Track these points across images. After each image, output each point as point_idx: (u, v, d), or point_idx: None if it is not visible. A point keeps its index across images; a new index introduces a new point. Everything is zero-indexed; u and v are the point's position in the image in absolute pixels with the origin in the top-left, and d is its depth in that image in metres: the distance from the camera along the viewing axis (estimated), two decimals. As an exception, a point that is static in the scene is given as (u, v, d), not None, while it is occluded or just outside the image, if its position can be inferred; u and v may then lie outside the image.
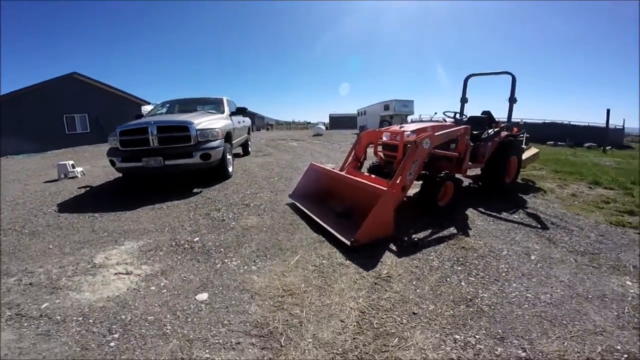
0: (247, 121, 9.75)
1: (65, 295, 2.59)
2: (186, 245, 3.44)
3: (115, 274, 2.89)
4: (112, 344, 2.03)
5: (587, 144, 20.89)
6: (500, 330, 2.11)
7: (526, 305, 2.40)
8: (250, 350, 1.94)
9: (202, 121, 5.80)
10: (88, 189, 6.47)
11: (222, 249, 3.33)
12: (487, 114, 6.00)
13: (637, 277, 2.89)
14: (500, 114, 6.68)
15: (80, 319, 2.28)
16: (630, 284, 2.77)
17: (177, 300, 2.46)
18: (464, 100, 6.47)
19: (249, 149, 10.51)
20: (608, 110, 18.72)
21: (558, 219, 4.39)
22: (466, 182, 6.50)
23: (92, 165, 9.98)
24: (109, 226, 4.12)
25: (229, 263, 3.04)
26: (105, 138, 19.48)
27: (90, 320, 2.26)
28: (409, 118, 25.20)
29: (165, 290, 2.60)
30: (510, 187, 5.76)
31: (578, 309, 2.38)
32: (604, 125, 21.05)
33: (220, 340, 2.02)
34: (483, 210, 4.59)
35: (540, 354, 1.92)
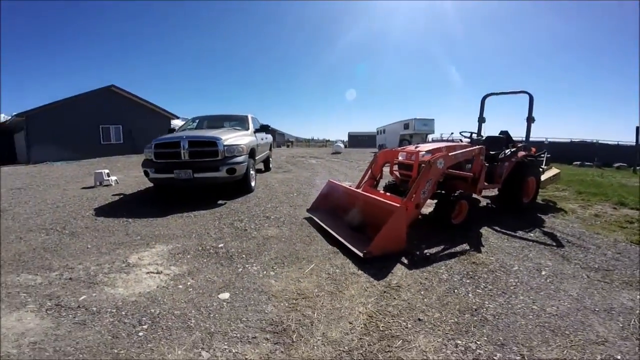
0: (269, 138, 10.15)
1: (101, 290, 2.86)
2: (211, 251, 3.71)
3: (147, 273, 3.17)
4: (140, 333, 2.25)
5: (616, 164, 19.98)
6: (501, 338, 2.21)
7: (531, 316, 2.48)
8: (264, 344, 2.13)
9: (229, 137, 6.19)
10: (122, 196, 6.94)
11: (244, 255, 3.58)
12: (504, 133, 6.07)
13: None
14: (521, 133, 6.70)
15: (114, 311, 2.53)
16: None
17: (202, 298, 2.70)
18: (481, 119, 6.57)
19: (270, 165, 10.87)
20: (637, 128, 17.97)
21: (575, 237, 4.39)
22: (484, 202, 6.54)
23: (124, 175, 10.61)
24: (142, 231, 4.47)
25: (249, 268, 3.28)
26: (136, 149, 20.39)
27: (123, 312, 2.50)
28: (430, 137, 25.13)
29: (191, 289, 2.85)
30: (529, 207, 5.75)
31: (583, 320, 2.44)
32: (634, 143, 20.22)
33: (238, 334, 2.23)
34: (498, 229, 4.63)
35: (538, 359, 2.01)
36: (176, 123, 22.70)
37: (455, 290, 2.85)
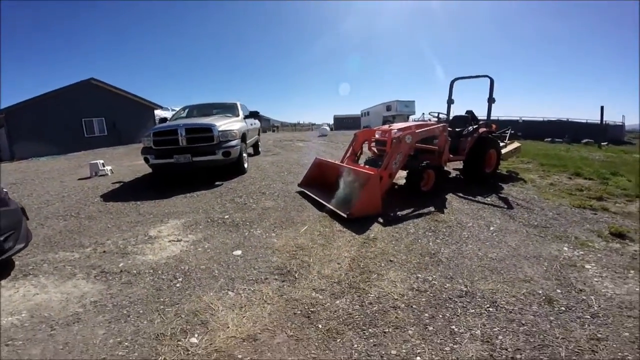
0: (258, 123, 10.63)
1: (134, 258, 3.46)
2: (219, 221, 4.37)
3: (169, 241, 3.81)
4: (177, 285, 2.89)
5: (584, 140, 21.32)
6: (451, 273, 2.94)
7: (475, 259, 3.22)
8: (274, 282, 2.83)
9: (223, 124, 6.73)
10: (121, 184, 7.38)
11: (247, 223, 4.26)
12: (469, 113, 6.82)
13: (574, 244, 3.65)
14: (497, 112, 7.42)
15: (151, 271, 3.14)
16: (566, 249, 3.50)
17: (220, 255, 3.37)
18: (450, 101, 7.30)
19: (259, 149, 11.40)
20: (602, 107, 19.44)
21: (525, 201, 5.19)
22: (454, 173, 7.32)
23: (116, 165, 10.91)
24: (152, 210, 5.05)
25: (254, 232, 3.97)
26: (121, 141, 20.33)
27: (159, 272, 3.12)
28: (411, 118, 25.99)
29: (209, 250, 3.51)
30: (490, 176, 6.55)
31: (515, 264, 3.14)
32: (606, 122, 21.67)
33: (253, 277, 2.92)
34: (461, 195, 5.42)
35: (477, 290, 2.69)
36: (160, 113, 22.69)
37: (419, 240, 3.61)
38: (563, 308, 2.46)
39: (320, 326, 2.24)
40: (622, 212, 4.86)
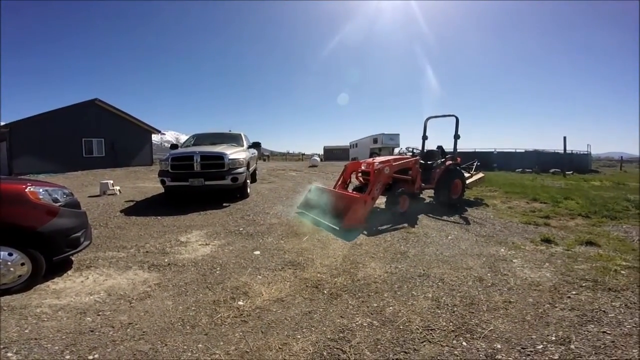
0: (255, 153, 11.79)
1: (174, 256, 4.42)
2: (236, 232, 5.42)
3: (199, 244, 4.82)
4: (217, 272, 3.86)
5: (552, 170, 22.78)
6: (414, 264, 4.08)
7: (433, 256, 4.38)
8: (289, 269, 3.89)
9: (231, 152, 7.86)
10: (134, 202, 8.24)
11: (260, 234, 5.33)
12: (439, 148, 8.20)
13: (510, 247, 4.85)
14: (476, 144, 8.74)
15: (193, 264, 4.09)
16: (503, 250, 4.69)
17: (243, 254, 4.41)
18: (424, 137, 8.68)
19: (256, 177, 12.43)
20: (564, 138, 21.29)
21: (481, 219, 6.45)
22: (428, 200, 8.58)
23: (120, 186, 11.73)
24: (174, 223, 6.04)
25: (266, 239, 5.04)
26: (118, 163, 20.91)
27: (199, 264, 4.08)
28: (395, 150, 27.72)
29: (234, 251, 4.55)
30: (457, 201, 7.82)
31: (462, 259, 4.30)
32: (570, 151, 23.57)
33: (273, 267, 3.97)
34: (431, 215, 6.66)
35: (432, 273, 3.81)
36: (156, 138, 23.61)
37: (394, 245, 4.77)
38: (489, 284, 3.59)
39: (325, 292, 3.32)
40: (560, 226, 6.12)
